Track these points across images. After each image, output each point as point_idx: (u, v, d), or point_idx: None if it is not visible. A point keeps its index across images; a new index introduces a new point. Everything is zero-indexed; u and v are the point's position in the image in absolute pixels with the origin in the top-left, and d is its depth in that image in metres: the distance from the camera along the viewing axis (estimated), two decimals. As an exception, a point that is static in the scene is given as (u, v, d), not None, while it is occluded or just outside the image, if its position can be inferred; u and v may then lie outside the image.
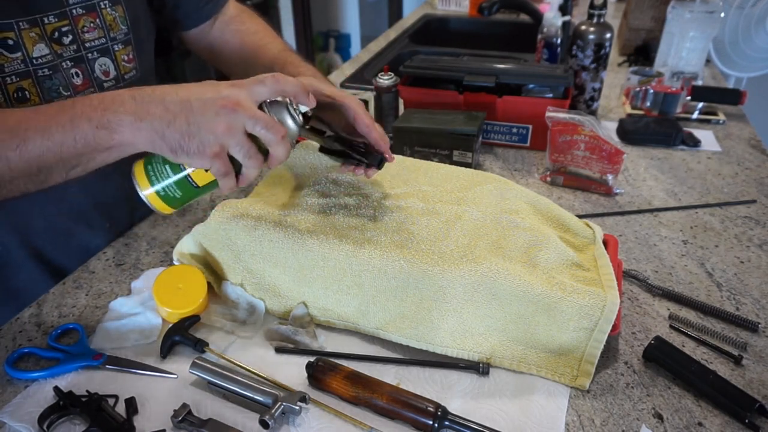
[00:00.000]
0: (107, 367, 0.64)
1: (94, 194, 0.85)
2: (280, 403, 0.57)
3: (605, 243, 0.76)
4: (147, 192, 0.60)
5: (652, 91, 1.28)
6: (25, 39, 0.69)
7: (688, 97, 1.30)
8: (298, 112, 0.60)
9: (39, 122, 0.56)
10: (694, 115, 1.30)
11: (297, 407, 0.58)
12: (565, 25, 1.45)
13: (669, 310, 0.74)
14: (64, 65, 0.74)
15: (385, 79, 1.18)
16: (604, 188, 1.01)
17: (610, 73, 1.57)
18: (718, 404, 0.60)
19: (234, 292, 0.73)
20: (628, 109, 1.33)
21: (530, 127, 1.15)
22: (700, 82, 1.40)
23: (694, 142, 1.17)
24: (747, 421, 0.58)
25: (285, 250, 0.69)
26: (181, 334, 0.67)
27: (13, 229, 0.80)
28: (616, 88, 1.49)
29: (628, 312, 0.74)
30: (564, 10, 1.45)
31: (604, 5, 1.20)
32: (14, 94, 0.70)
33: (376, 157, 0.69)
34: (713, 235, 0.89)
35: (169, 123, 0.54)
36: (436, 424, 0.57)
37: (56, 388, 0.61)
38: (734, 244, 0.87)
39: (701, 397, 0.61)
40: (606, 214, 0.95)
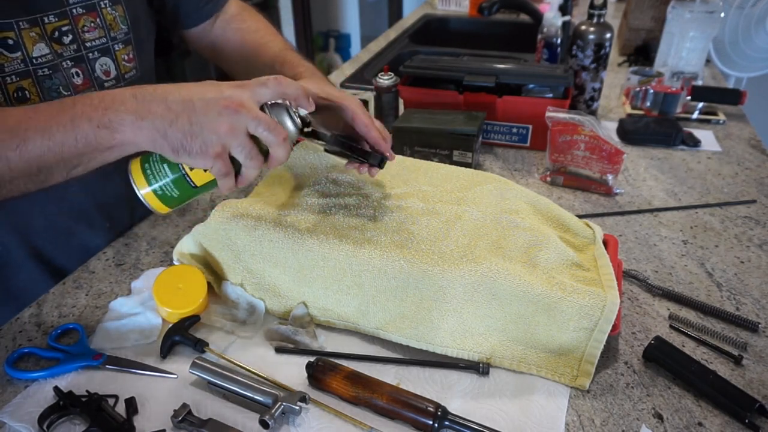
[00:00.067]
0: (107, 367, 0.64)
1: (95, 194, 0.85)
2: (280, 403, 0.57)
3: (605, 243, 0.76)
4: (144, 191, 0.60)
5: (652, 91, 1.28)
6: (25, 38, 0.69)
7: (688, 97, 1.29)
8: (297, 115, 0.60)
9: (39, 122, 0.55)
10: (694, 115, 1.30)
11: (297, 407, 0.58)
12: (565, 25, 1.45)
13: (669, 310, 0.74)
14: (65, 65, 0.74)
15: (385, 79, 1.18)
16: (604, 188, 1.01)
17: (610, 73, 1.57)
18: (718, 404, 0.60)
19: (234, 292, 0.73)
20: (628, 109, 1.33)
21: (530, 127, 1.15)
22: (700, 82, 1.40)
23: (694, 142, 1.17)
24: (747, 421, 0.58)
25: (285, 250, 0.69)
26: (181, 334, 0.67)
27: (13, 229, 0.80)
28: (616, 88, 1.49)
29: (628, 312, 0.74)
30: (564, 10, 1.45)
31: (604, 5, 1.20)
32: (14, 94, 0.70)
33: (377, 157, 0.69)
34: (713, 235, 0.89)
35: (171, 122, 0.54)
36: (436, 424, 0.57)
37: (56, 388, 0.61)
38: (734, 244, 0.87)
39: (701, 397, 0.61)
40: (606, 214, 0.95)
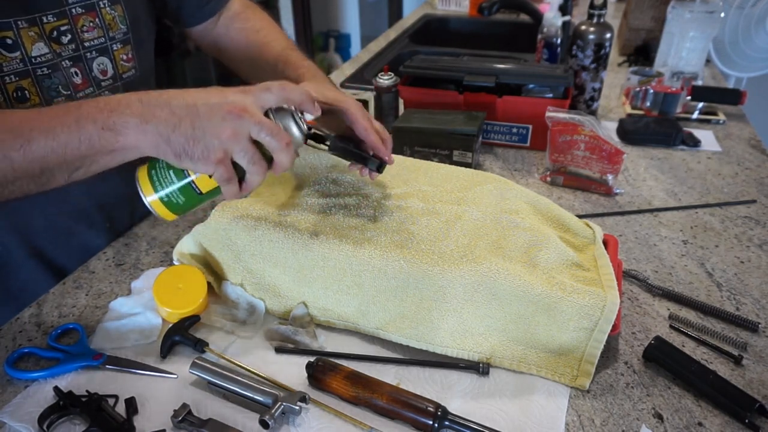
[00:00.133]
0: (107, 367, 0.64)
1: (95, 194, 0.85)
2: (280, 403, 0.57)
3: (605, 243, 0.76)
4: (151, 198, 0.59)
5: (652, 91, 1.28)
6: (24, 38, 0.69)
7: (688, 97, 1.29)
8: (302, 120, 0.60)
9: (44, 123, 0.55)
10: (694, 115, 1.30)
11: (297, 407, 0.58)
12: (565, 25, 1.45)
13: (669, 310, 0.74)
14: (64, 64, 0.74)
15: (385, 79, 1.18)
16: (604, 188, 1.01)
17: (610, 73, 1.57)
18: (718, 404, 0.60)
19: (234, 292, 0.73)
20: (628, 109, 1.33)
21: (530, 127, 1.15)
22: (700, 82, 1.40)
23: (694, 142, 1.17)
24: (747, 421, 0.58)
25: (285, 250, 0.69)
26: (181, 334, 0.67)
27: (14, 229, 0.80)
28: (616, 88, 1.49)
29: (628, 312, 0.74)
30: (564, 10, 1.45)
31: (604, 5, 1.20)
32: (14, 94, 0.70)
33: (375, 162, 0.69)
34: (713, 235, 0.89)
35: (174, 127, 0.54)
36: (436, 424, 0.57)
37: (56, 388, 0.61)
38: (734, 244, 0.87)
39: (701, 397, 0.61)
40: (606, 214, 0.95)
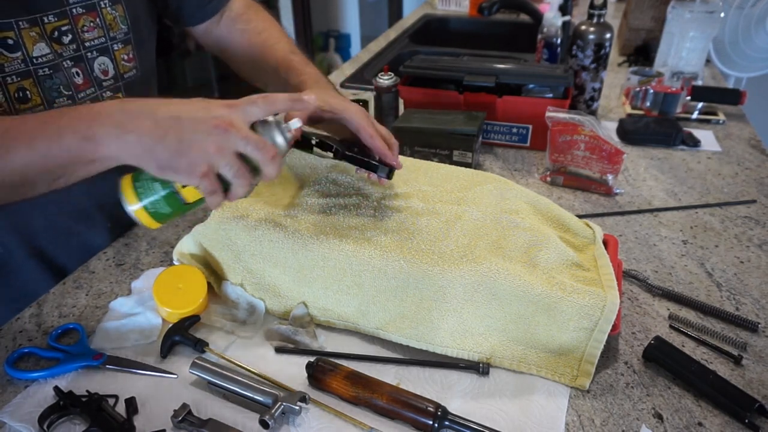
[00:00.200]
0: (107, 367, 0.64)
1: (95, 194, 0.85)
2: (280, 403, 0.57)
3: (605, 243, 0.76)
4: (135, 207, 0.59)
5: (652, 91, 1.28)
6: (25, 38, 0.69)
7: (688, 97, 1.30)
8: (287, 130, 0.60)
9: (25, 133, 0.55)
10: (694, 115, 1.30)
11: (297, 407, 0.58)
12: (565, 25, 1.45)
13: (669, 310, 0.74)
14: (65, 64, 0.74)
15: (385, 79, 1.18)
16: (604, 188, 1.01)
17: (610, 73, 1.57)
18: (718, 404, 0.60)
19: (234, 292, 0.73)
20: (628, 109, 1.33)
21: (530, 127, 1.15)
22: (700, 82, 1.40)
23: (694, 142, 1.17)
24: (747, 421, 0.58)
25: (285, 250, 0.69)
26: (181, 334, 0.67)
27: (14, 229, 0.80)
28: (616, 88, 1.49)
29: (628, 312, 0.74)
30: (564, 10, 1.45)
31: (604, 5, 1.20)
32: (15, 94, 0.70)
33: (384, 169, 0.70)
34: (713, 235, 0.89)
35: (159, 139, 0.53)
36: (436, 424, 0.57)
37: (56, 388, 0.61)
38: (734, 244, 0.87)
39: (701, 397, 0.61)
40: (606, 214, 0.95)
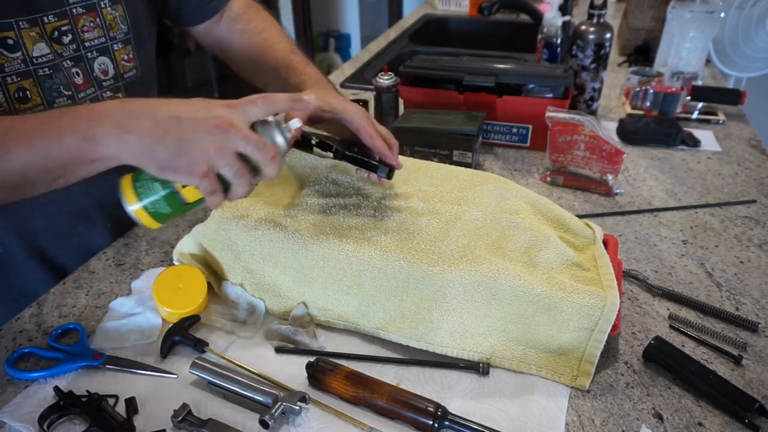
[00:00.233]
0: (107, 367, 0.64)
1: (96, 194, 0.85)
2: (280, 403, 0.57)
3: (605, 243, 0.76)
4: (135, 207, 0.59)
5: (652, 91, 1.28)
6: (25, 38, 0.69)
7: (688, 97, 1.30)
8: (287, 130, 0.60)
9: (25, 132, 0.55)
10: (694, 115, 1.30)
11: (297, 407, 0.58)
12: (565, 25, 1.45)
13: (669, 310, 0.74)
14: (65, 64, 0.74)
15: (385, 79, 1.18)
16: (604, 188, 1.01)
17: (610, 73, 1.57)
18: (718, 404, 0.60)
19: (234, 292, 0.73)
20: (628, 109, 1.33)
21: (530, 127, 1.15)
22: (700, 82, 1.40)
23: (694, 142, 1.17)
24: (747, 421, 0.58)
25: (285, 250, 0.69)
26: (181, 334, 0.67)
27: (14, 229, 0.80)
28: (616, 88, 1.49)
29: (628, 312, 0.74)
30: (564, 10, 1.45)
31: (604, 5, 1.20)
32: (15, 94, 0.70)
33: (384, 169, 0.70)
34: (713, 235, 0.89)
35: (159, 139, 0.53)
36: (436, 424, 0.57)
37: (56, 388, 0.61)
38: (734, 244, 0.87)
39: (701, 397, 0.61)
40: (606, 214, 0.95)
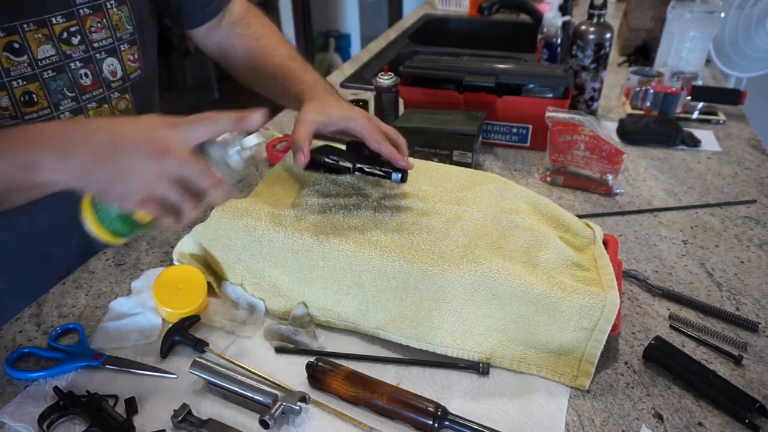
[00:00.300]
0: (107, 367, 0.64)
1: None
2: (280, 403, 0.57)
3: (605, 243, 0.76)
4: (94, 226, 0.59)
5: (652, 91, 1.28)
6: (29, 41, 0.69)
7: (688, 97, 1.29)
8: (243, 148, 0.58)
9: None
10: (694, 115, 1.30)
11: (297, 407, 0.58)
12: (565, 25, 1.45)
13: (669, 310, 0.74)
14: (73, 66, 0.75)
15: (385, 79, 1.18)
16: (604, 188, 1.01)
17: (610, 73, 1.57)
18: (718, 404, 0.60)
19: (234, 292, 0.73)
20: (628, 109, 1.33)
21: (530, 127, 1.15)
22: (700, 82, 1.40)
23: (694, 142, 1.17)
24: (747, 421, 0.58)
25: (285, 250, 0.69)
26: (181, 334, 0.67)
27: (14, 229, 0.80)
28: (616, 88, 1.49)
29: (628, 312, 0.74)
30: (564, 10, 1.45)
31: (604, 5, 1.20)
32: (21, 98, 0.70)
33: (397, 176, 0.70)
34: (713, 235, 0.89)
35: (94, 164, 0.52)
36: (436, 424, 0.57)
37: (56, 388, 0.61)
38: (734, 244, 0.87)
39: (701, 397, 0.61)
40: (606, 214, 0.95)
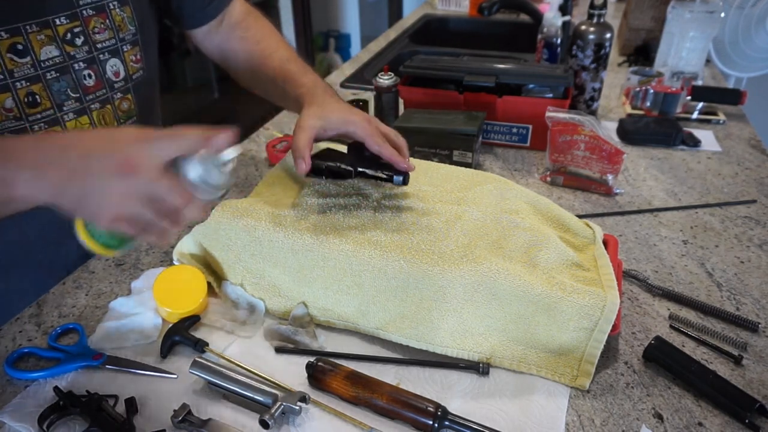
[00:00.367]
0: (107, 367, 0.64)
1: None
2: (280, 403, 0.57)
3: (605, 243, 0.76)
4: (85, 239, 0.59)
5: (652, 91, 1.27)
6: (32, 42, 0.69)
7: (688, 97, 1.29)
8: (221, 162, 0.55)
9: None
10: (694, 115, 1.30)
11: (297, 407, 0.58)
12: (565, 25, 1.45)
13: (669, 310, 0.74)
14: (77, 66, 0.75)
15: (385, 79, 1.18)
16: (604, 188, 1.01)
17: (610, 73, 1.57)
18: (718, 404, 0.60)
19: (234, 292, 0.73)
20: (628, 109, 1.33)
21: (530, 127, 1.15)
22: (700, 82, 1.40)
23: (694, 142, 1.17)
24: (747, 421, 0.58)
25: (285, 250, 0.69)
26: (181, 334, 0.67)
27: (14, 229, 0.80)
28: (616, 88, 1.49)
29: (628, 312, 0.74)
30: (564, 10, 1.45)
31: (604, 5, 1.20)
32: (25, 99, 0.70)
33: (398, 179, 0.70)
34: (713, 235, 0.89)
35: (66, 181, 0.52)
36: (436, 424, 0.57)
37: (56, 388, 0.61)
38: (734, 244, 0.87)
39: (701, 397, 0.61)
40: (606, 214, 0.95)
